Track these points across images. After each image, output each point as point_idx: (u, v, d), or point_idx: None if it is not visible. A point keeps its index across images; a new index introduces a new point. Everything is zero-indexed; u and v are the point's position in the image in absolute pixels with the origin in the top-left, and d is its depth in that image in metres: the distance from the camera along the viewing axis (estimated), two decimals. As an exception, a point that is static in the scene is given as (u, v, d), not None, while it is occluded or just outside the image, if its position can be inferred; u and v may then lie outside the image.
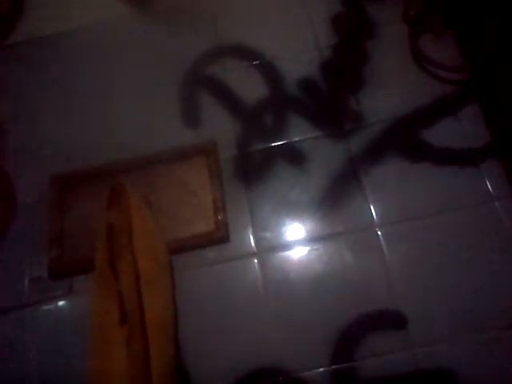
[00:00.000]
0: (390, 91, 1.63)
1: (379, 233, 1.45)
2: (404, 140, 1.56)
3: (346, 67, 1.72)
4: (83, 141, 1.73)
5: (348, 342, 1.34)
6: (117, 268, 1.37)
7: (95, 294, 1.37)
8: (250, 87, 1.73)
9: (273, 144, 1.62)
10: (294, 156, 1.59)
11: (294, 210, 1.52)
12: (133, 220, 1.39)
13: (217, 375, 1.35)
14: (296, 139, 1.62)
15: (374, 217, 1.47)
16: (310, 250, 1.47)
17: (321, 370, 1.32)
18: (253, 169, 1.59)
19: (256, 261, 1.47)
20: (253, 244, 1.49)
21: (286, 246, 1.48)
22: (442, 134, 1.54)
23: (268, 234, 1.50)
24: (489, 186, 1.45)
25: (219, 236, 1.49)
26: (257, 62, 1.77)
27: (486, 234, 1.40)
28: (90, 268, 1.42)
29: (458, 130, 1.53)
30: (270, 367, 1.35)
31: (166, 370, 1.25)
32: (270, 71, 1.75)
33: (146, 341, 1.24)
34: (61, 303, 1.49)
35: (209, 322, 1.41)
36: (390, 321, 1.35)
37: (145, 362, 1.22)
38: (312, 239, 1.48)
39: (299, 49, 1.77)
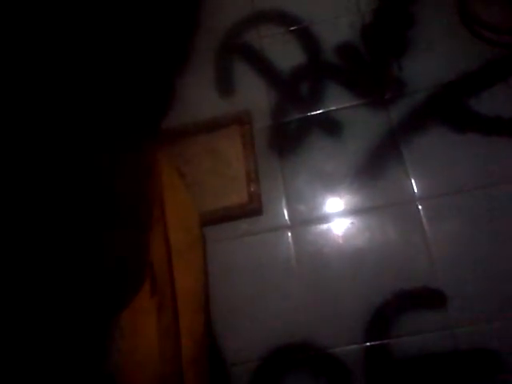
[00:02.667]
0: (435, 56, 1.53)
1: (420, 207, 1.38)
2: (449, 108, 1.46)
3: (388, 31, 1.61)
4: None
5: (384, 319, 1.30)
6: (149, 239, 1.36)
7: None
8: (287, 54, 1.66)
9: (309, 113, 1.56)
10: (331, 126, 1.52)
11: (329, 181, 1.47)
12: (165, 191, 1.38)
13: (248, 348, 1.35)
14: (333, 108, 1.54)
15: (415, 190, 1.40)
16: (345, 224, 1.42)
17: (354, 346, 1.29)
18: (287, 139, 1.54)
19: (289, 234, 1.44)
20: (286, 216, 1.46)
21: (321, 219, 1.43)
22: (491, 101, 1.43)
23: (302, 207, 1.46)
24: (542, 158, 1.34)
25: (252, 208, 1.46)
26: (294, 28, 1.69)
27: (537, 210, 1.31)
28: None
29: (509, 98, 1.42)
30: (301, 342, 1.33)
31: (195, 341, 1.25)
32: (307, 37, 1.67)
33: (176, 312, 1.24)
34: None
35: (240, 294, 1.40)
36: (428, 299, 1.30)
37: (174, 333, 1.22)
38: (348, 212, 1.43)
39: (339, 12, 1.68)
